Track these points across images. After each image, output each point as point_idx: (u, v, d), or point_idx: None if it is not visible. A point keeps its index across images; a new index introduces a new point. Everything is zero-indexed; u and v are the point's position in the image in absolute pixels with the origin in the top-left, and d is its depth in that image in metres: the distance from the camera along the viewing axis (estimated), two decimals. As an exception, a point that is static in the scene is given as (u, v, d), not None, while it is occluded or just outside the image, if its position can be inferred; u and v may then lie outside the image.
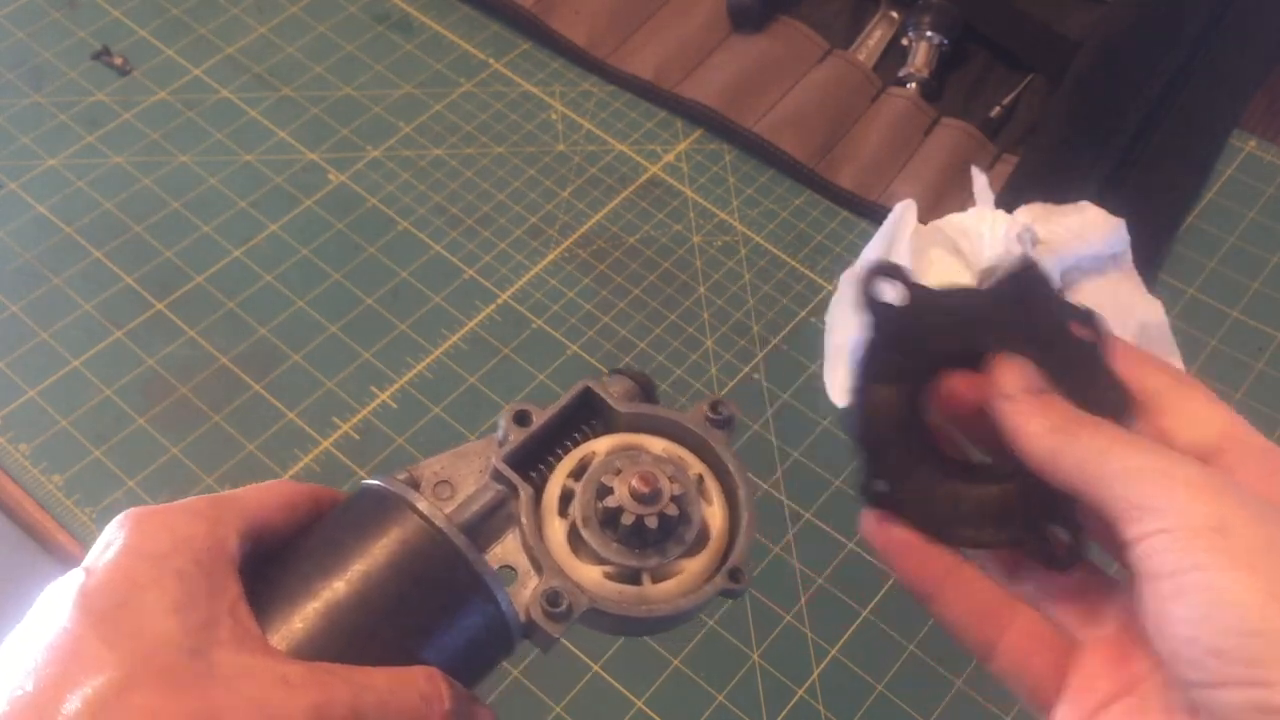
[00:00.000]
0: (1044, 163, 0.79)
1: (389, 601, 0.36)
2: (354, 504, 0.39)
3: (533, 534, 0.38)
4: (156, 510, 0.36)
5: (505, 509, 0.39)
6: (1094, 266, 0.75)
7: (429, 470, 0.40)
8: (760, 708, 0.60)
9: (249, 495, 0.38)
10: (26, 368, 0.70)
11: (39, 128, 0.81)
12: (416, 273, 0.75)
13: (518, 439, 0.40)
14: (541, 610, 0.37)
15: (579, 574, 0.38)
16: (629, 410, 0.41)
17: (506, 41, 0.88)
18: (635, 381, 0.42)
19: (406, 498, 0.37)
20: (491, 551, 0.39)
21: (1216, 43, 0.83)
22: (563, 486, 0.39)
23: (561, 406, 0.41)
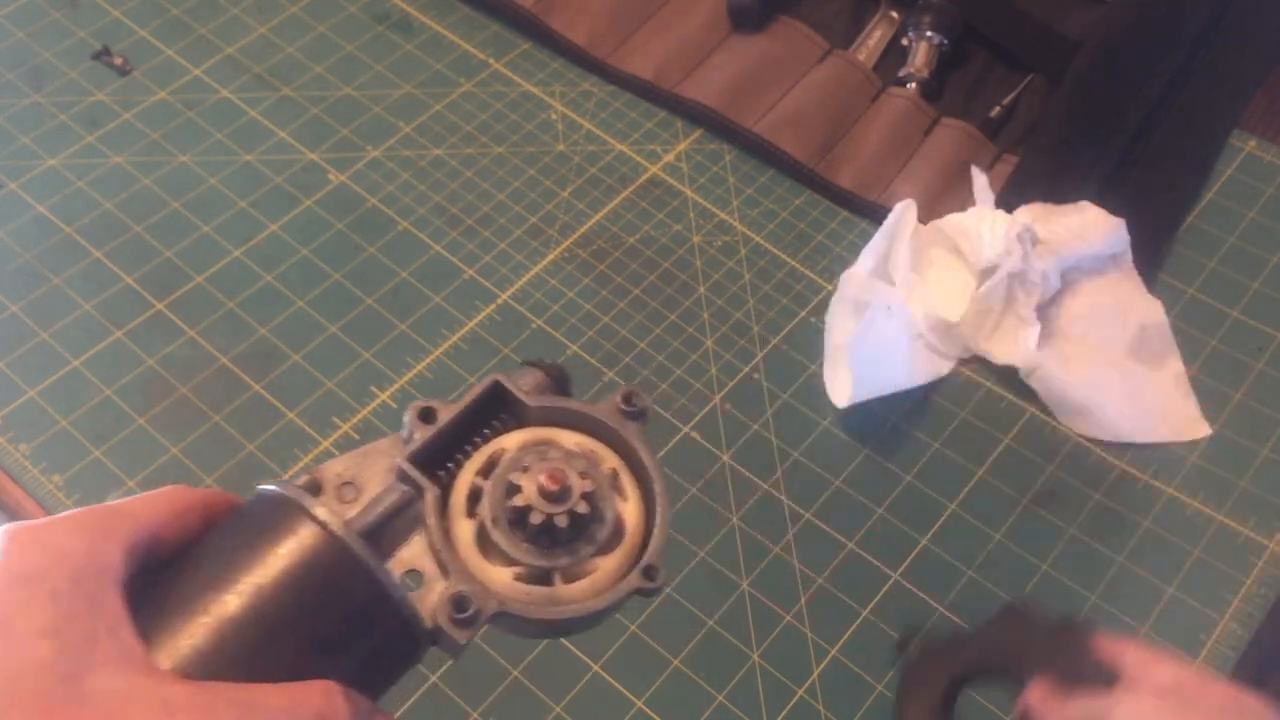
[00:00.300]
0: (1044, 163, 0.79)
1: (284, 614, 0.34)
2: (248, 511, 0.37)
3: (439, 536, 0.37)
4: (34, 526, 0.34)
5: (412, 510, 0.37)
6: (1094, 266, 0.75)
7: (332, 471, 0.38)
8: (760, 708, 0.60)
9: (136, 505, 0.36)
10: (27, 368, 0.70)
11: (39, 128, 0.81)
12: (416, 273, 0.75)
13: (423, 437, 0.38)
14: (448, 616, 0.35)
15: (488, 576, 0.37)
16: (539, 404, 0.40)
17: (506, 41, 0.88)
18: (547, 373, 0.41)
19: (301, 503, 0.35)
20: (397, 555, 0.37)
21: (1216, 43, 0.83)
22: (471, 485, 0.38)
23: (469, 402, 0.39)
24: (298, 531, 0.35)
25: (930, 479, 0.68)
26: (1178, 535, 0.67)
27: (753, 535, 0.66)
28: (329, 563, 0.35)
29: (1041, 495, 0.68)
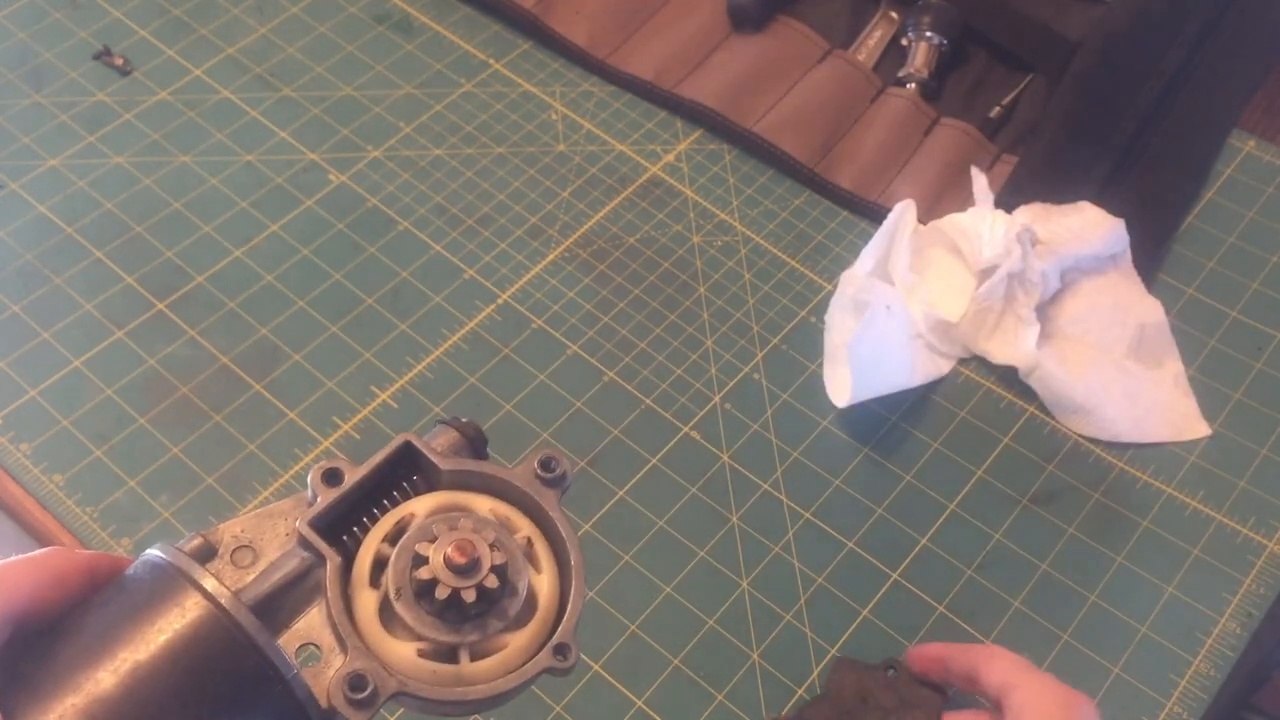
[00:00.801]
0: (1043, 163, 0.79)
1: (165, 696, 0.31)
2: (130, 579, 0.34)
3: (338, 608, 0.34)
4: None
5: (313, 577, 0.35)
6: (1093, 266, 0.75)
7: (229, 533, 0.36)
8: (760, 708, 0.60)
9: (8, 574, 0.33)
10: (27, 368, 0.70)
11: (40, 128, 0.81)
12: (417, 273, 0.76)
13: (325, 500, 0.36)
14: (343, 696, 0.33)
15: (390, 652, 0.34)
16: (452, 467, 0.37)
17: (507, 42, 0.88)
18: (462, 433, 0.39)
19: (187, 571, 0.33)
20: (293, 628, 0.35)
21: (1216, 43, 0.83)
22: (376, 553, 0.36)
23: (376, 464, 0.37)
24: (182, 604, 0.32)
25: (930, 479, 0.68)
26: (1177, 535, 0.67)
27: (753, 535, 0.66)
28: (215, 638, 0.32)
29: (1041, 495, 0.68)
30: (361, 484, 0.36)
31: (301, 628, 0.35)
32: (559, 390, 0.71)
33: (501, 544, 0.35)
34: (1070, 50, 0.82)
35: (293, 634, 0.35)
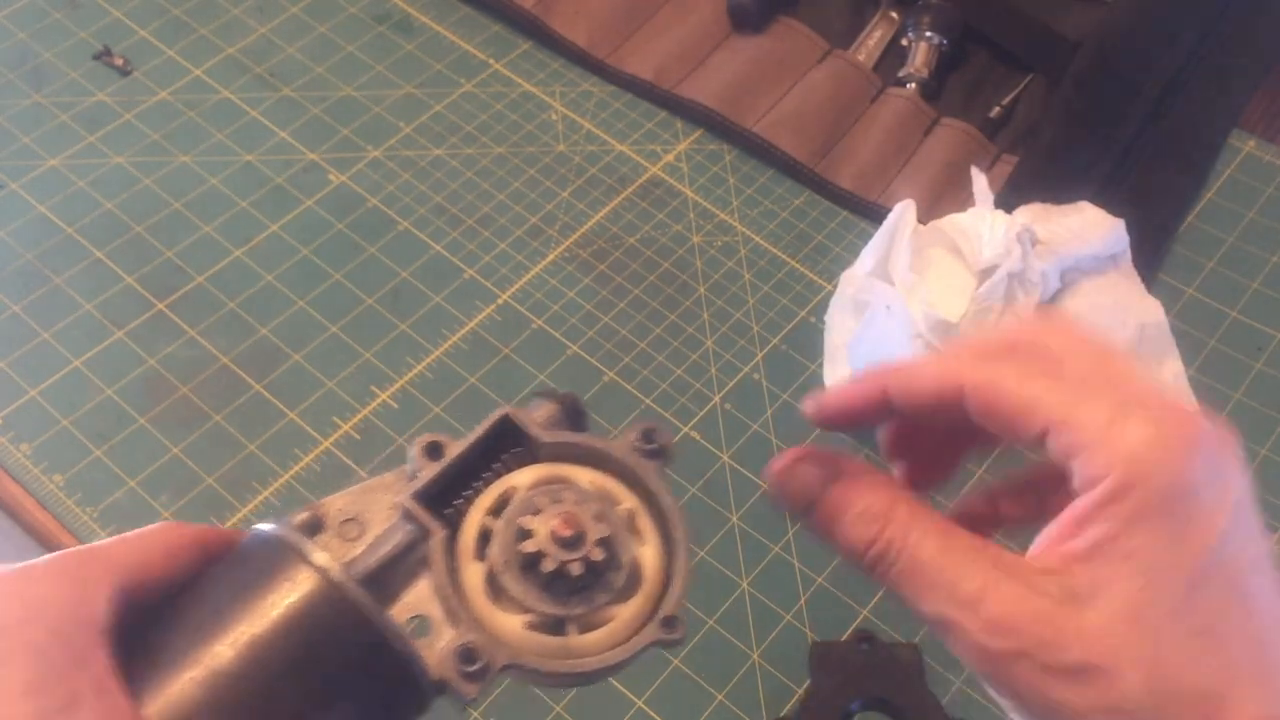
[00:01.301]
0: (1043, 163, 0.79)
1: (281, 666, 0.32)
2: (243, 553, 0.35)
3: (446, 581, 0.35)
4: (10, 575, 0.32)
5: (417, 551, 0.35)
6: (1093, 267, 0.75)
7: (335, 507, 0.36)
8: (760, 708, 0.60)
9: (123, 547, 0.34)
10: (27, 368, 0.70)
11: (40, 128, 0.81)
12: (417, 273, 0.76)
13: (429, 474, 0.36)
14: (455, 669, 0.33)
15: (498, 623, 0.35)
16: (552, 439, 0.38)
17: (507, 42, 0.88)
18: (560, 405, 0.39)
19: (299, 547, 0.34)
20: (402, 600, 0.35)
21: (1215, 43, 0.83)
22: (480, 525, 0.36)
23: (477, 437, 0.37)
24: (295, 578, 0.33)
25: (930, 479, 0.68)
26: (1177, 535, 0.67)
27: (753, 535, 0.66)
28: (328, 611, 0.33)
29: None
30: (462, 457, 0.37)
31: (410, 600, 0.35)
32: (559, 390, 0.71)
33: (605, 516, 0.35)
34: (1070, 50, 0.82)
35: (402, 606, 0.35)
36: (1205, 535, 0.30)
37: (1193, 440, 0.30)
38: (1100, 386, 0.32)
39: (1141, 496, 0.30)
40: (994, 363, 0.34)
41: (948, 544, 0.33)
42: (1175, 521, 0.30)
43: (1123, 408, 0.31)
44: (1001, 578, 0.31)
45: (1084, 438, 0.31)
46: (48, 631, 0.30)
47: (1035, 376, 0.33)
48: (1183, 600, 0.30)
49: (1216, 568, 0.30)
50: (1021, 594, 0.31)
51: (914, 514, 0.34)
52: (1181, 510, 0.30)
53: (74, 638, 0.31)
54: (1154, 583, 0.30)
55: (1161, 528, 0.30)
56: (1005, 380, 0.33)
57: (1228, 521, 0.30)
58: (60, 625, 0.31)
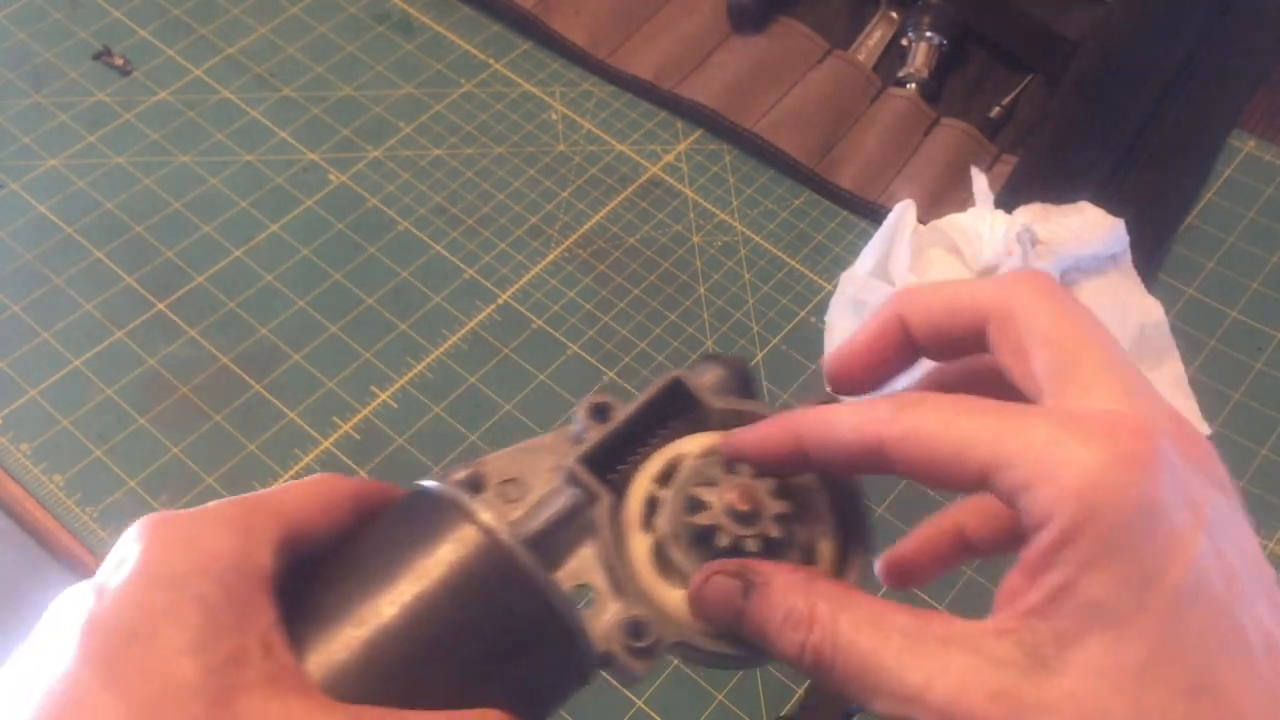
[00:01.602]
0: (1043, 163, 0.79)
1: (445, 629, 0.31)
2: (405, 510, 0.34)
3: (613, 549, 0.33)
4: (176, 519, 0.31)
5: (581, 518, 0.34)
6: (1093, 267, 0.75)
7: (495, 466, 0.34)
8: (760, 708, 0.60)
9: (286, 497, 0.32)
10: (27, 368, 0.70)
11: (40, 128, 0.81)
12: (417, 273, 0.76)
13: (596, 437, 0.34)
14: (623, 644, 0.32)
15: (665, 598, 0.33)
16: (724, 406, 0.36)
17: (507, 42, 0.88)
18: (729, 370, 0.37)
19: (465, 505, 0.32)
20: (565, 567, 0.34)
21: (1216, 43, 0.83)
22: (647, 494, 0.34)
23: (646, 400, 0.35)
24: (460, 537, 0.32)
25: (930, 479, 0.68)
26: (1177, 535, 0.67)
27: (753, 535, 0.66)
28: (494, 573, 0.31)
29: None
30: (629, 421, 0.35)
31: (574, 567, 0.34)
32: (559, 390, 0.71)
33: (782, 492, 0.33)
34: (1070, 50, 0.82)
35: (565, 573, 0.34)
36: (1177, 570, 0.25)
37: (1147, 458, 0.26)
38: (1050, 391, 0.28)
39: (1095, 534, 0.25)
40: (915, 408, 0.29)
41: (882, 631, 0.28)
42: (1139, 558, 0.25)
43: (1064, 427, 0.26)
44: (951, 655, 0.27)
45: (1023, 474, 0.26)
46: (215, 583, 0.29)
47: (963, 412, 0.28)
48: (1162, 652, 0.25)
49: (1198, 607, 0.25)
50: (974, 669, 0.26)
51: (839, 606, 0.29)
52: (1144, 544, 0.25)
53: (241, 590, 0.29)
54: (1124, 635, 0.25)
55: (1123, 568, 0.25)
56: (926, 425, 0.29)
57: (1202, 548, 0.25)
58: (227, 576, 0.29)
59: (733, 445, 0.34)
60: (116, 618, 0.28)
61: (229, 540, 0.30)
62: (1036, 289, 0.30)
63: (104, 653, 0.28)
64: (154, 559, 0.30)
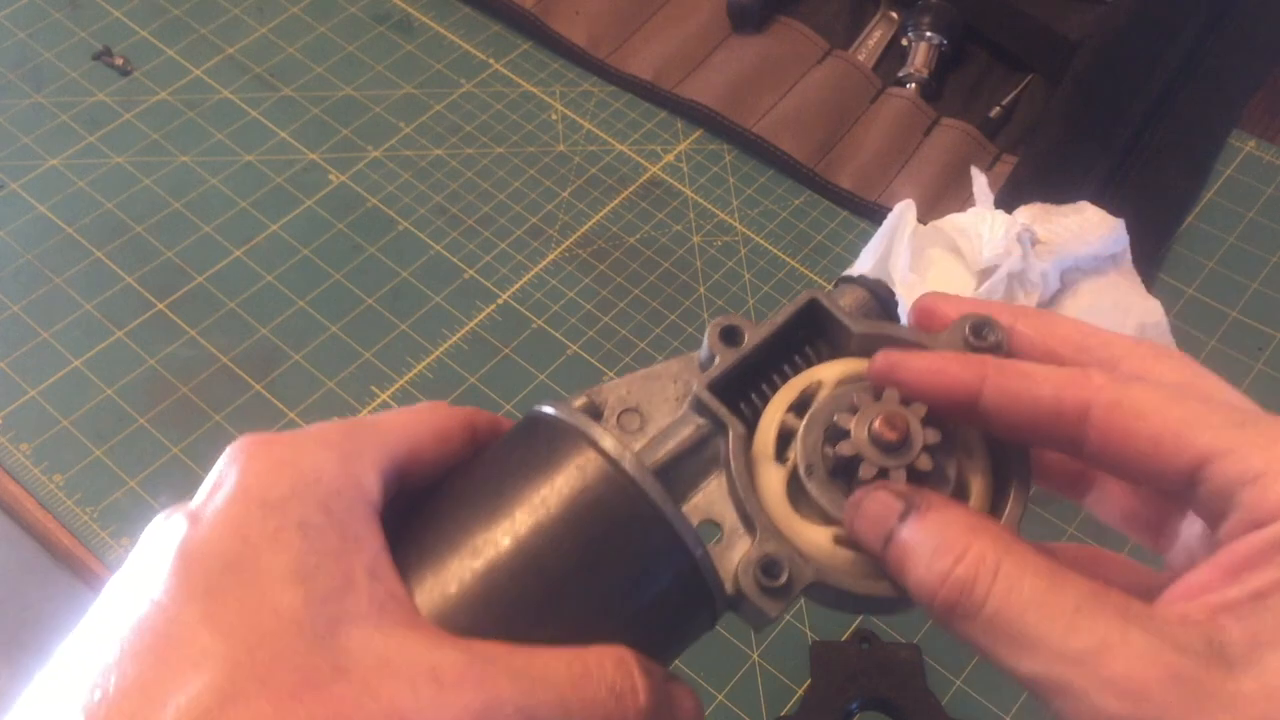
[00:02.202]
0: (1043, 163, 0.79)
1: (564, 562, 0.29)
2: (521, 436, 0.31)
3: (744, 483, 0.31)
4: (276, 440, 0.29)
5: (708, 449, 0.31)
6: (1093, 267, 0.75)
7: (614, 395, 0.32)
8: (760, 708, 0.60)
9: (392, 421, 0.31)
10: (27, 368, 0.70)
11: (40, 128, 0.81)
12: (417, 273, 0.76)
13: (725, 361, 0.32)
14: (755, 582, 0.29)
15: (800, 535, 0.30)
16: (864, 330, 0.32)
17: (507, 42, 0.88)
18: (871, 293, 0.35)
19: (587, 432, 0.30)
20: (691, 501, 0.31)
21: (1216, 43, 0.83)
22: (781, 424, 0.31)
23: (781, 322, 0.32)
24: (582, 465, 0.29)
25: (930, 479, 0.68)
26: (1177, 535, 0.67)
27: (753, 535, 0.66)
28: (617, 504, 0.29)
29: (1041, 494, 0.68)
30: (762, 346, 0.32)
31: (699, 502, 0.31)
32: (559, 390, 0.71)
33: (932, 421, 0.30)
34: (1070, 50, 0.82)
35: (691, 508, 0.31)
36: None
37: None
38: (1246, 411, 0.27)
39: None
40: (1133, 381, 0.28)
41: (1054, 585, 0.26)
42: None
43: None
44: (1129, 629, 0.25)
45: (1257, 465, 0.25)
46: (318, 508, 0.27)
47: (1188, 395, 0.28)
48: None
49: None
50: (1155, 649, 0.24)
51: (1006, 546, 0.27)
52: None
53: (345, 516, 0.27)
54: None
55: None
56: (1146, 399, 0.27)
57: None
58: (330, 501, 0.27)
59: (896, 371, 0.30)
60: (213, 545, 0.27)
61: (332, 463, 0.28)
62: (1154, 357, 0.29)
63: (201, 584, 0.26)
64: (252, 482, 0.28)
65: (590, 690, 0.27)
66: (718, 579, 0.30)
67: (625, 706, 0.28)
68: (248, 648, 0.25)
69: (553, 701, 0.27)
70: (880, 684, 0.58)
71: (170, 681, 0.24)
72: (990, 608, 0.26)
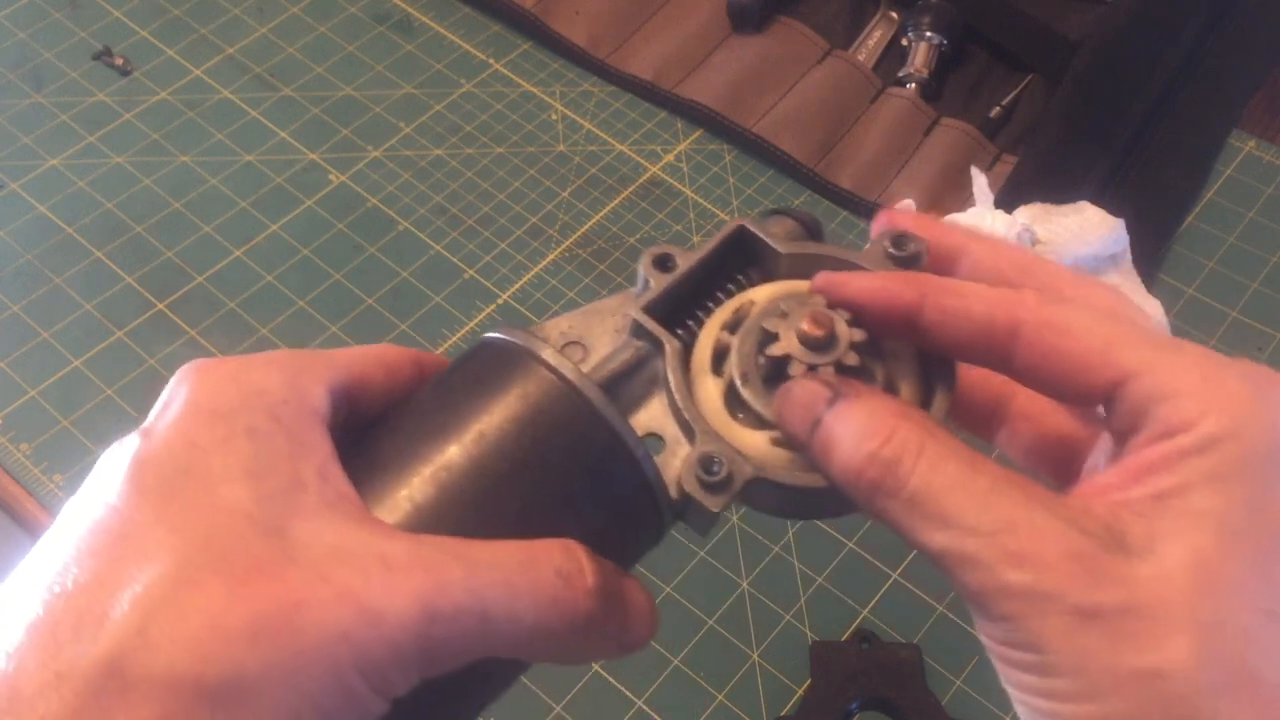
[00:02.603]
0: (1043, 163, 0.79)
1: (512, 467, 0.30)
2: (469, 358, 0.33)
3: (682, 393, 0.32)
4: (223, 361, 0.30)
5: (648, 369, 0.33)
6: (1094, 267, 0.75)
7: (556, 330, 0.34)
8: (760, 708, 0.60)
9: (340, 351, 0.32)
10: (27, 367, 0.70)
11: (40, 128, 0.81)
12: (417, 273, 0.76)
13: (660, 286, 0.33)
14: (696, 479, 0.31)
15: (740, 440, 0.32)
16: (792, 251, 0.34)
17: (507, 42, 0.88)
18: (798, 221, 0.36)
19: (532, 349, 0.31)
20: (634, 418, 0.33)
21: (1216, 43, 0.83)
22: (716, 341, 0.33)
23: (711, 249, 0.34)
24: (527, 379, 0.31)
25: (930, 479, 0.68)
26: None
27: (753, 535, 0.66)
28: (563, 413, 0.31)
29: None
30: (694, 270, 0.34)
31: (642, 418, 0.33)
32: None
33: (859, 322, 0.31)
34: (1070, 50, 0.82)
35: (634, 423, 0.32)
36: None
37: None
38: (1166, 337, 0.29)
39: (1232, 452, 0.26)
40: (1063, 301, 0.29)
41: (972, 468, 0.27)
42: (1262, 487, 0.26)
43: (1216, 361, 0.27)
44: (1036, 509, 0.26)
45: (1174, 384, 0.27)
46: (266, 415, 0.29)
47: (1115, 318, 0.29)
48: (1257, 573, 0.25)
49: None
50: (1059, 530, 0.26)
51: (929, 430, 0.28)
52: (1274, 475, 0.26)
53: (293, 423, 0.29)
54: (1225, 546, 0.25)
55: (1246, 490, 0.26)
56: (1075, 319, 0.28)
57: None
58: (278, 410, 0.29)
59: (838, 288, 0.31)
60: (165, 453, 0.28)
61: (279, 377, 0.30)
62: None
63: (154, 487, 0.27)
64: (202, 396, 0.29)
65: (537, 572, 0.28)
66: (660, 478, 0.31)
67: (573, 587, 0.29)
68: (200, 540, 0.26)
69: (500, 582, 0.27)
70: (880, 684, 0.58)
71: (124, 573, 0.26)
72: (912, 486, 0.27)
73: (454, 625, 0.27)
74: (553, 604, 0.28)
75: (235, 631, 0.25)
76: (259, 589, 0.26)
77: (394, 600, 0.26)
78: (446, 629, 0.27)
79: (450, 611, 0.27)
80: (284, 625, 0.25)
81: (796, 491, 0.31)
